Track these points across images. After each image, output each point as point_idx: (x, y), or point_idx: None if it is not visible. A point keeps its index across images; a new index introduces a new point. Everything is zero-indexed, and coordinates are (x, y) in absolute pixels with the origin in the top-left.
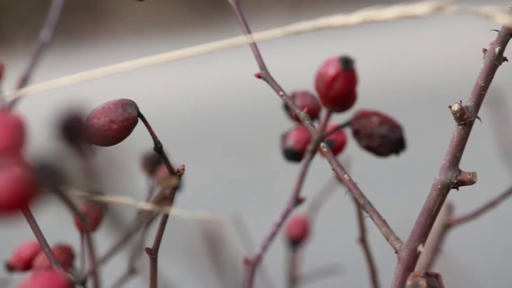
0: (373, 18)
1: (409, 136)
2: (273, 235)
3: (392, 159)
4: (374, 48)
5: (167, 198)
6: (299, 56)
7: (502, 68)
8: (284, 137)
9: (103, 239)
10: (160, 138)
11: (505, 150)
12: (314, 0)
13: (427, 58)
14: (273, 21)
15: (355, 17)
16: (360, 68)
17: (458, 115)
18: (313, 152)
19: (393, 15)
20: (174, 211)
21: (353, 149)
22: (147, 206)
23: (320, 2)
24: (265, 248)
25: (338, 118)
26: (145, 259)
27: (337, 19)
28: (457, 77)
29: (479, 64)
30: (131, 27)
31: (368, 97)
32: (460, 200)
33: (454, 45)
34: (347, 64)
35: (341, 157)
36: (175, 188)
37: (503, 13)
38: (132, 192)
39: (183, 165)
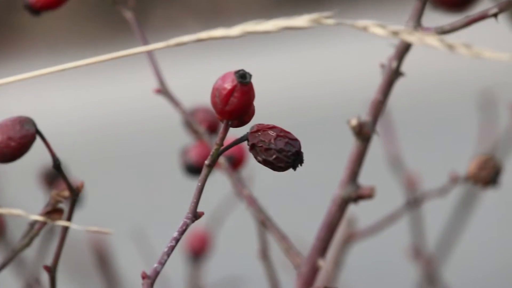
0: (254, 30)
1: (313, 151)
2: (171, 250)
3: (296, 174)
4: (284, 65)
5: (58, 211)
6: (208, 72)
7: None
8: (184, 152)
9: None
10: (65, 153)
11: (393, 163)
12: (226, 15)
13: (335, 75)
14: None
15: (235, 30)
16: (270, 85)
17: (356, 130)
18: (211, 167)
19: (273, 27)
20: (65, 224)
21: (257, 163)
22: (38, 218)
23: (233, 16)
24: (163, 263)
25: (238, 133)
26: (44, 276)
27: (218, 32)
28: (366, 94)
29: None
30: (43, 43)
31: (273, 114)
32: (360, 214)
33: (363, 62)
34: (243, 78)
35: (244, 171)
36: (73, 203)
37: (379, 26)
38: (28, 206)
39: (82, 182)
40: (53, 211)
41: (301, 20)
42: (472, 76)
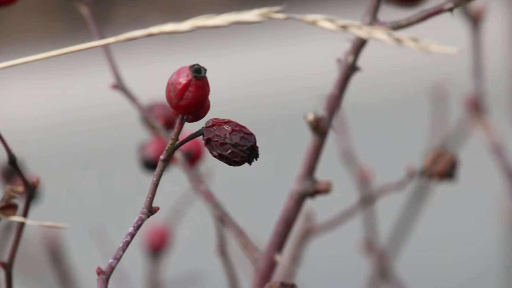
0: (204, 25)
1: (273, 148)
2: (126, 245)
3: (253, 171)
4: (244, 63)
5: (12, 207)
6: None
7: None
8: (141, 148)
9: None
10: (23, 149)
11: (346, 158)
12: (191, 11)
13: (295, 73)
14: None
15: (186, 24)
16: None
17: (313, 125)
18: (166, 161)
19: (223, 22)
20: (19, 220)
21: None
22: None
23: (197, 13)
24: (118, 258)
25: (196, 128)
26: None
27: (169, 26)
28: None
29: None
30: (7, 43)
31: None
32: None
33: (322, 59)
34: (198, 73)
35: (203, 167)
36: (29, 199)
37: (328, 20)
38: None
39: (38, 178)
40: (6, 207)
41: (251, 15)
42: (425, 71)
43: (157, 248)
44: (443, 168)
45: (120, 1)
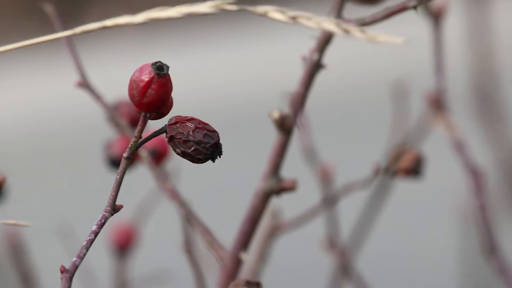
0: (157, 17)
1: (237, 145)
2: (89, 244)
3: (219, 169)
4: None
5: None
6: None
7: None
8: (107, 146)
9: None
10: None
11: (309, 155)
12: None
13: (262, 73)
14: (121, 32)
15: (140, 17)
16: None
17: (278, 122)
18: (129, 159)
19: (176, 13)
20: None
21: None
22: None
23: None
24: (82, 256)
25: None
26: None
27: (123, 19)
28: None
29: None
30: None
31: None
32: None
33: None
34: (160, 70)
35: (170, 165)
36: None
37: (278, 12)
38: None
39: (4, 176)
40: None
41: (203, 7)
42: (386, 67)
43: (123, 247)
44: (409, 165)
45: (92, 0)
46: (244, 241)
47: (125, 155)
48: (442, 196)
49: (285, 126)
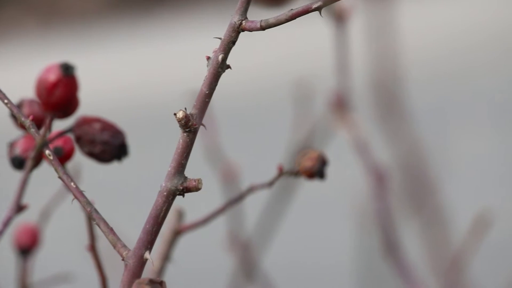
0: None
1: (143, 147)
2: None
3: (125, 169)
4: (120, 65)
5: None
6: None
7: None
8: (11, 145)
9: None
10: None
11: (213, 155)
12: (66, 13)
13: (167, 74)
14: (24, 35)
15: None
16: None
17: (183, 122)
18: (35, 159)
19: None
20: None
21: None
22: None
23: (72, 15)
24: None
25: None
26: None
27: None
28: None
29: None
30: None
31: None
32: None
33: (194, 61)
34: (67, 70)
35: (71, 164)
36: None
37: None
38: None
39: None
40: None
41: None
42: (288, 69)
43: (27, 247)
44: (311, 166)
45: None
46: (148, 241)
47: (30, 155)
48: (343, 197)
49: (189, 126)
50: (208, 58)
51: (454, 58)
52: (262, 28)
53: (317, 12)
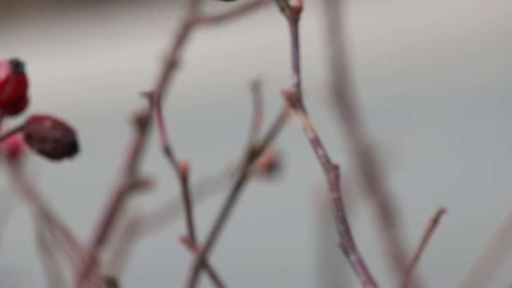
0: None
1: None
2: None
3: (79, 167)
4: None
5: None
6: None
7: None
8: None
9: None
10: None
11: (165, 153)
12: (21, 8)
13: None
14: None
15: None
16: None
17: (134, 120)
18: None
19: None
20: None
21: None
22: None
23: (28, 10)
24: None
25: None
26: None
27: None
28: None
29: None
30: None
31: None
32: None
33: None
34: (17, 67)
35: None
36: None
37: None
38: None
39: None
40: None
41: None
42: (247, 67)
43: None
44: (266, 163)
45: None
46: (100, 238)
47: None
48: (300, 192)
49: (140, 124)
50: (159, 56)
51: (409, 55)
52: (215, 22)
53: (273, 7)
